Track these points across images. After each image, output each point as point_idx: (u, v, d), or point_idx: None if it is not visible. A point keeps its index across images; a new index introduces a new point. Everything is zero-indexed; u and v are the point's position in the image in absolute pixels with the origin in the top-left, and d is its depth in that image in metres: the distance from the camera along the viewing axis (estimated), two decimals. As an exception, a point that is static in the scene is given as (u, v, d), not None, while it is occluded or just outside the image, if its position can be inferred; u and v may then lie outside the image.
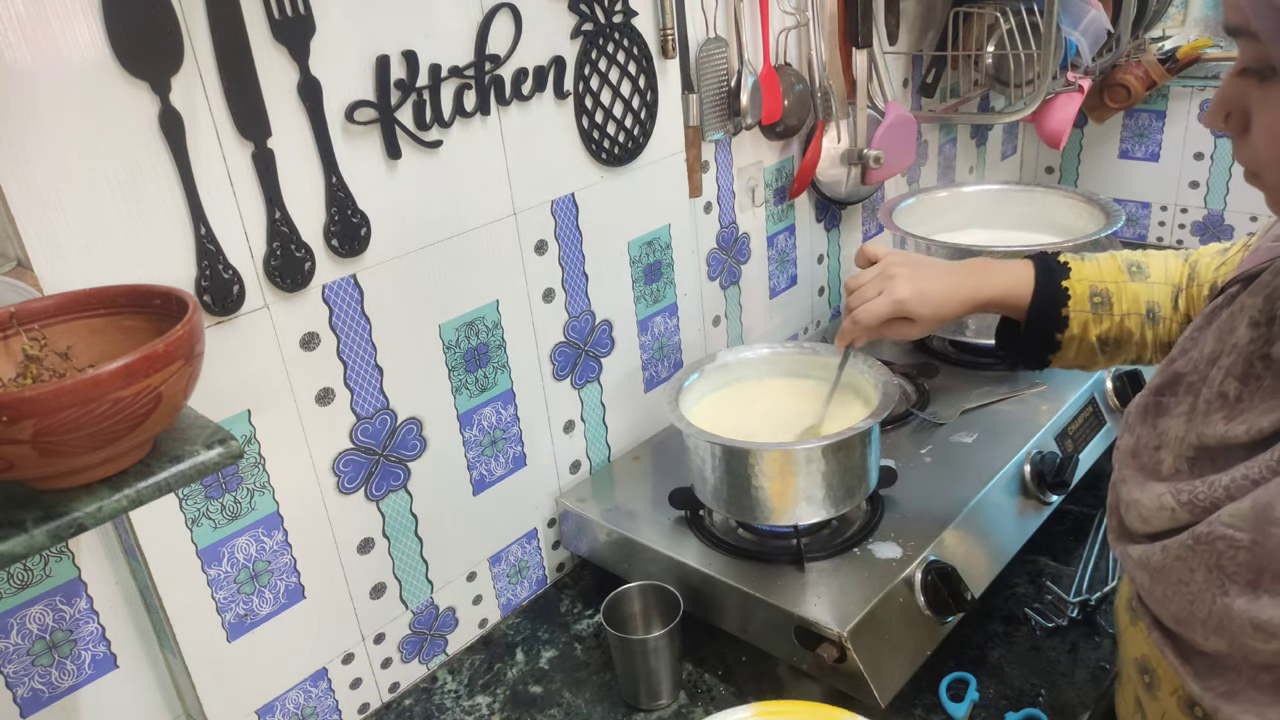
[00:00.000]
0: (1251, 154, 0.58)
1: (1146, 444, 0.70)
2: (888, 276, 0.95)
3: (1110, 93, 1.92)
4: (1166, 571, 0.63)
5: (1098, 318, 0.91)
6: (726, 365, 1.21)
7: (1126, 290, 0.92)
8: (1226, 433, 0.61)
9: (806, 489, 1.05)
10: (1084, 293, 0.92)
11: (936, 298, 0.93)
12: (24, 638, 0.85)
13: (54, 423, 0.56)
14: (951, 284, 0.94)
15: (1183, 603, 0.62)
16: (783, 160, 1.49)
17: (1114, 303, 0.92)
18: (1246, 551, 0.57)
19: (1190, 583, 0.61)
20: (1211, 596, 0.59)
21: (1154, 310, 0.92)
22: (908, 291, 0.93)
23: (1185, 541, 0.61)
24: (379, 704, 1.13)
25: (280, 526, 0.98)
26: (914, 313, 0.94)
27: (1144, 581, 0.67)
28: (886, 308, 0.94)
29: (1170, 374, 0.72)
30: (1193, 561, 0.60)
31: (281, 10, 0.85)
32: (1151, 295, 0.92)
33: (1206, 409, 0.64)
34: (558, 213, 1.15)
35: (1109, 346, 0.93)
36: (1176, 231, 2.08)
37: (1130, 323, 0.91)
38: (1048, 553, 1.24)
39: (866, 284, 0.96)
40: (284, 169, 0.88)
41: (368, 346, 1.00)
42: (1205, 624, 0.60)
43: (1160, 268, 0.94)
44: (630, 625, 1.10)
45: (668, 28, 1.18)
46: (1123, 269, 0.93)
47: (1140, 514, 0.67)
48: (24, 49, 0.71)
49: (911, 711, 1.03)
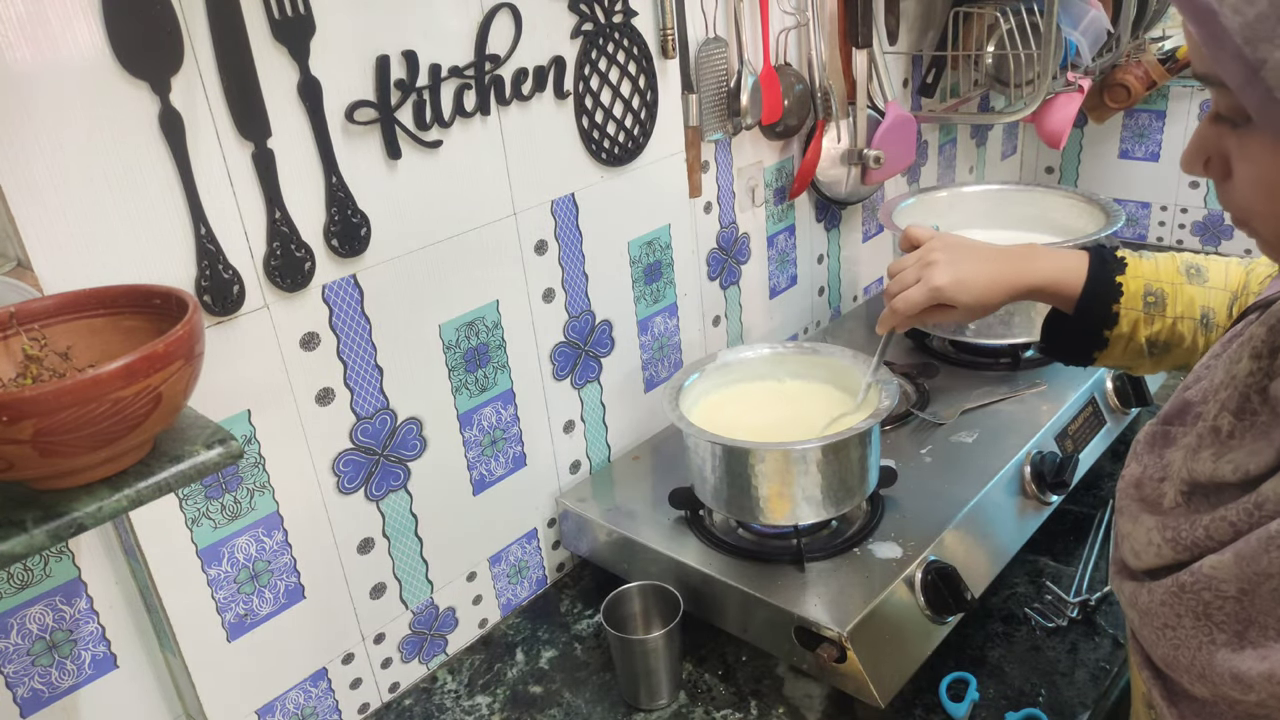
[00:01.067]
0: (1237, 203, 0.56)
1: (1151, 475, 0.67)
2: (927, 263, 0.92)
3: (1110, 93, 1.91)
4: (1154, 614, 0.61)
5: (1149, 318, 0.88)
6: (726, 365, 1.21)
7: (1183, 293, 0.88)
8: (1215, 471, 0.59)
9: (806, 489, 1.05)
10: (1138, 290, 0.88)
11: (977, 285, 0.90)
12: (24, 638, 0.85)
13: (54, 423, 0.56)
14: (994, 271, 0.90)
15: (1169, 647, 0.60)
16: (783, 160, 1.49)
17: (1168, 304, 0.88)
18: (1234, 602, 0.55)
19: (1178, 628, 0.59)
20: (1198, 644, 0.57)
21: (1208, 316, 0.88)
22: (946, 279, 0.90)
23: (1170, 587, 0.59)
24: (379, 704, 1.13)
25: (280, 526, 0.98)
26: (953, 299, 0.90)
27: (1134, 620, 0.65)
28: (923, 296, 0.91)
29: (1181, 402, 0.69)
30: (1180, 608, 0.58)
31: (281, 10, 0.85)
32: (1208, 300, 0.88)
33: (1198, 444, 0.62)
34: (558, 213, 1.15)
35: (1158, 349, 0.89)
36: (1176, 231, 2.08)
37: (1183, 327, 0.88)
38: (1048, 553, 1.24)
39: (906, 270, 0.93)
40: (284, 169, 0.88)
41: (368, 346, 1.00)
42: (1189, 670, 0.58)
43: (1220, 273, 0.89)
44: (630, 625, 1.10)
45: (668, 28, 1.18)
46: (1181, 270, 0.89)
47: (1132, 548, 0.65)
48: (24, 49, 0.71)
49: (911, 711, 1.03)
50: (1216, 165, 0.55)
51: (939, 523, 1.09)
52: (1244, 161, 0.53)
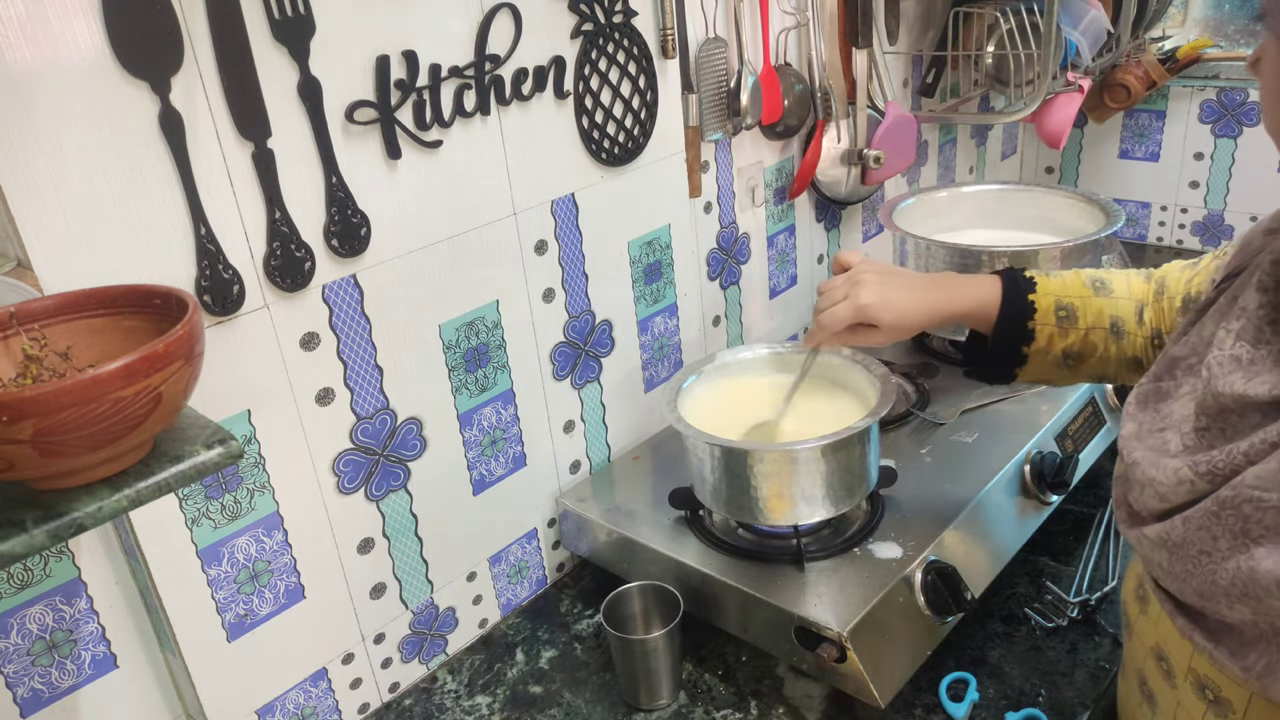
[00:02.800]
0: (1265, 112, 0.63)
1: (1150, 428, 0.71)
2: (855, 283, 0.96)
3: (1110, 93, 1.92)
4: (1187, 544, 0.64)
5: (1063, 331, 0.93)
6: (726, 365, 1.21)
7: (1091, 305, 0.94)
8: (1246, 391, 0.63)
9: (806, 489, 1.05)
10: (1049, 306, 0.93)
11: (900, 306, 0.95)
12: (24, 638, 0.85)
13: (54, 423, 0.56)
14: (918, 294, 0.95)
15: (1205, 575, 0.63)
16: (783, 160, 1.49)
17: (1079, 316, 0.93)
18: (1275, 511, 0.58)
19: (1213, 551, 0.62)
20: (1236, 562, 0.60)
21: (1118, 325, 0.93)
22: (872, 298, 0.94)
23: (1209, 509, 0.62)
24: (379, 704, 1.13)
25: (280, 526, 0.98)
26: (877, 319, 0.95)
27: (1162, 560, 0.67)
28: (849, 312, 0.95)
29: (1168, 360, 0.73)
30: (1216, 529, 0.61)
31: (281, 10, 0.85)
32: (1115, 310, 0.94)
33: (1220, 371, 0.66)
34: (558, 213, 1.15)
35: (1073, 360, 0.94)
36: (1176, 231, 2.08)
37: (1095, 336, 0.93)
38: (1048, 553, 1.24)
39: (835, 288, 0.98)
40: (284, 169, 0.88)
41: (368, 346, 1.00)
42: (1229, 593, 0.61)
43: (1124, 284, 0.96)
44: (630, 625, 1.10)
45: (668, 28, 1.18)
46: (1086, 284, 0.95)
47: (1158, 492, 0.67)
48: (24, 49, 0.71)
49: (911, 711, 1.03)
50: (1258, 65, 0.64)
51: (939, 523, 1.09)
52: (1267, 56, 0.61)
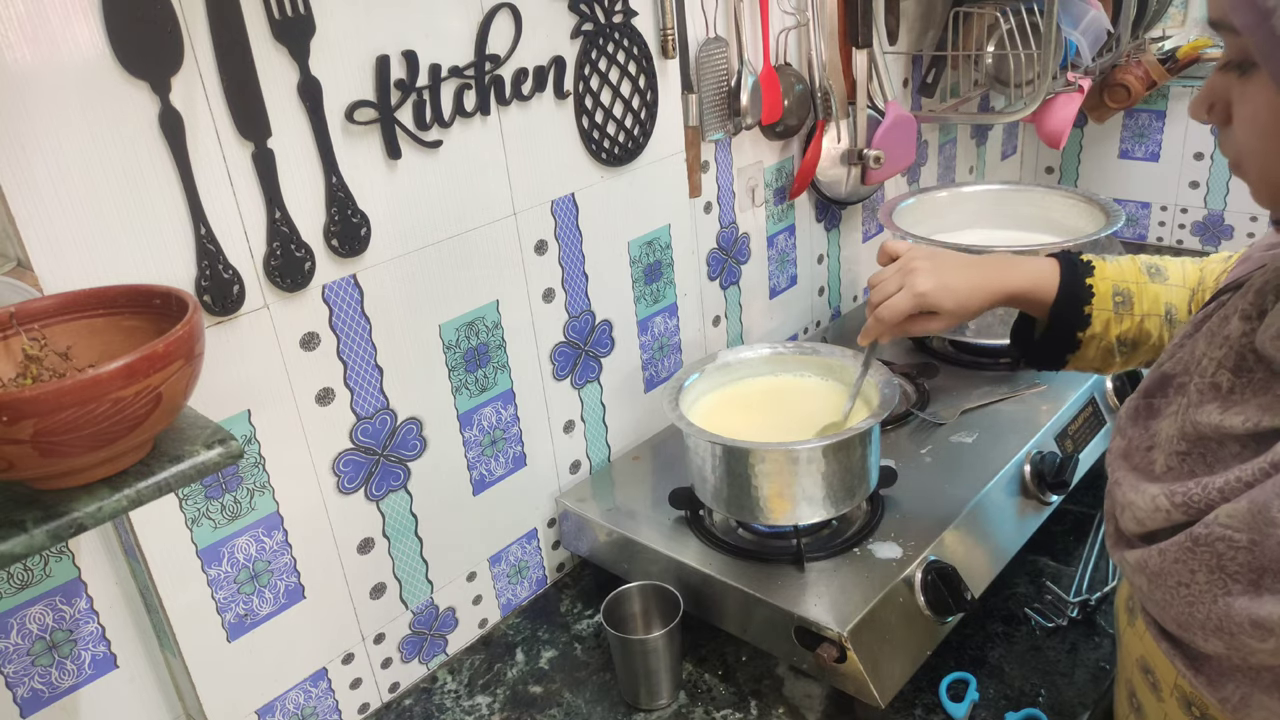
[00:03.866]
0: (1234, 145, 0.60)
1: (1138, 445, 0.71)
2: (908, 271, 0.93)
3: (1110, 93, 1.91)
4: (1165, 575, 0.63)
5: (1119, 317, 0.91)
6: (726, 365, 1.21)
7: (1147, 291, 0.92)
8: (1222, 422, 0.62)
9: (806, 489, 1.05)
10: (1107, 291, 0.91)
11: (960, 290, 0.92)
12: (24, 638, 0.85)
13: (54, 423, 0.56)
14: (975, 277, 0.93)
15: (1183, 606, 0.62)
16: (783, 160, 1.49)
17: (1135, 303, 0.91)
18: (1246, 552, 0.57)
19: (1191, 584, 0.61)
20: (1213, 597, 0.59)
21: (1171, 313, 0.92)
22: (930, 285, 0.92)
23: (1183, 544, 0.61)
24: (379, 704, 1.13)
25: (280, 526, 0.98)
26: (937, 305, 0.92)
27: (1143, 585, 0.67)
28: (908, 302, 0.92)
29: (1159, 376, 0.72)
30: (1193, 563, 0.61)
31: (281, 10, 0.85)
32: (1170, 297, 0.92)
33: (1199, 399, 0.65)
34: (558, 213, 1.15)
35: (1126, 347, 0.92)
36: (1176, 231, 2.08)
37: (1150, 324, 0.91)
38: (1048, 553, 1.24)
39: (888, 279, 0.95)
40: (284, 169, 0.88)
41: (368, 346, 1.00)
42: (1204, 626, 0.60)
43: (1178, 271, 0.94)
44: (630, 625, 1.10)
45: (668, 28, 1.18)
46: (1143, 270, 0.93)
47: (1135, 515, 0.67)
48: (24, 49, 0.71)
49: (911, 711, 1.03)
50: (1219, 111, 0.60)
51: (939, 523, 1.09)
52: (1244, 103, 0.57)
